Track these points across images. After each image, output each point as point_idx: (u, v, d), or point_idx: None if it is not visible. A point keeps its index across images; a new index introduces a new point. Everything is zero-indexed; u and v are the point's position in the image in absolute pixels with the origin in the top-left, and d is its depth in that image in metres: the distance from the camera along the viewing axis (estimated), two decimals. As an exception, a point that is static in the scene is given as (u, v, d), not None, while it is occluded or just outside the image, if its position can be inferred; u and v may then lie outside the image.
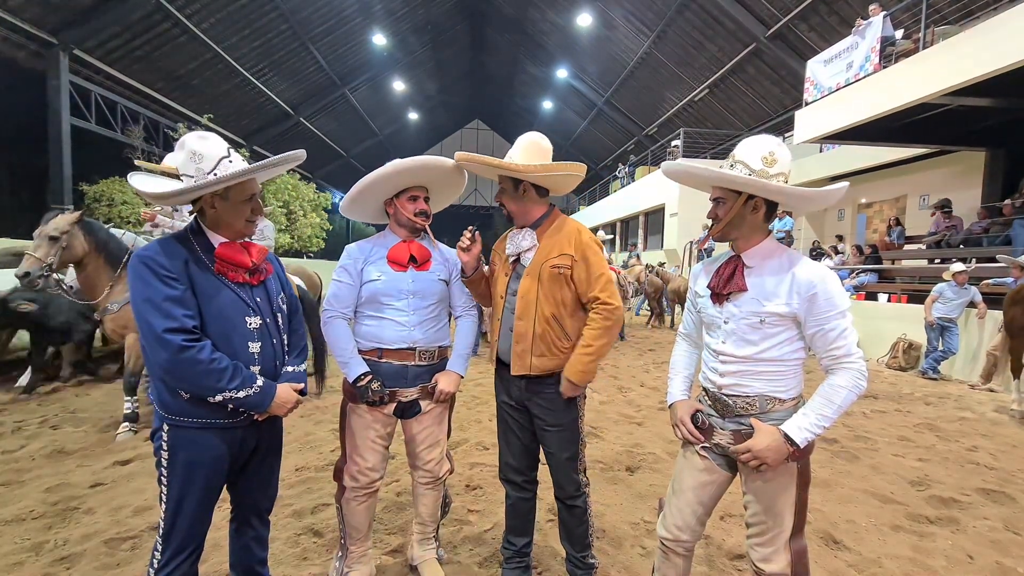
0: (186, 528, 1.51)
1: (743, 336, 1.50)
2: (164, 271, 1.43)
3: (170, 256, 1.46)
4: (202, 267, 1.51)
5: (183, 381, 1.44)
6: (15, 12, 10.29)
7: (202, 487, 1.51)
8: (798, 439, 1.39)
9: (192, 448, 1.50)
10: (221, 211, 1.55)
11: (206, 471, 1.51)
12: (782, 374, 1.49)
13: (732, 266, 1.54)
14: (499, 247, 2.12)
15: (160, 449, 1.50)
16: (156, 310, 1.40)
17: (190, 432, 1.50)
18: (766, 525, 1.51)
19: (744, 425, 1.51)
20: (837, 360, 1.41)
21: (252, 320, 1.58)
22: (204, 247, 1.54)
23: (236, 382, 1.47)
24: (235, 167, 1.52)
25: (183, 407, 1.48)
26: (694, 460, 1.63)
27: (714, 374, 1.57)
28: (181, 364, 1.40)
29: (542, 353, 1.89)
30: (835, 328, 1.40)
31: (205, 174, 1.49)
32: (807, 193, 1.48)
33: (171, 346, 1.39)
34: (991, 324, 6.55)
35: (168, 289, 1.42)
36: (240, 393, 1.48)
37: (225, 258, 1.54)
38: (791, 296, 1.43)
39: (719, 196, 1.53)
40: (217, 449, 1.53)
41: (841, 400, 1.39)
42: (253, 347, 1.57)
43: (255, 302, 1.61)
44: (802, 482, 1.49)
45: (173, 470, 1.49)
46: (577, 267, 1.88)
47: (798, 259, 1.48)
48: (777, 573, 1.49)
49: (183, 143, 1.52)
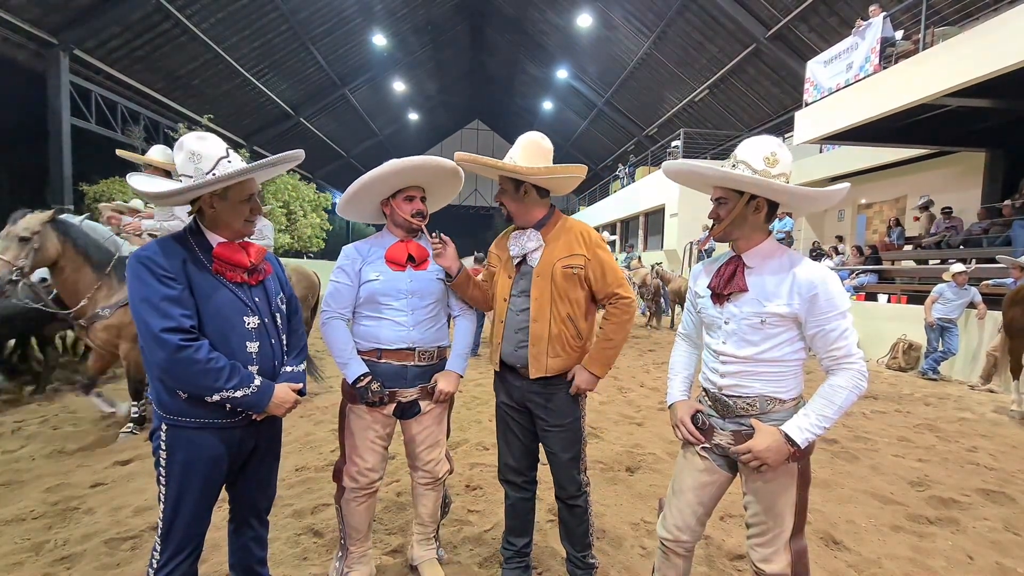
0: (184, 528, 1.51)
1: (744, 336, 1.50)
2: (162, 271, 1.43)
3: (168, 256, 1.46)
4: (200, 267, 1.51)
5: (180, 381, 1.44)
6: (15, 12, 10.30)
7: (200, 487, 1.51)
8: (799, 439, 1.39)
9: (190, 448, 1.50)
10: (220, 211, 1.55)
11: (204, 471, 1.51)
12: (783, 375, 1.49)
13: (733, 266, 1.54)
14: (498, 248, 2.11)
15: (159, 449, 1.50)
16: (154, 310, 1.40)
17: (188, 432, 1.50)
18: (766, 525, 1.51)
19: (744, 426, 1.51)
20: (837, 361, 1.42)
21: (250, 320, 1.58)
22: (202, 247, 1.54)
23: (233, 382, 1.47)
24: (234, 167, 1.52)
25: (181, 407, 1.48)
26: (694, 461, 1.63)
27: (714, 375, 1.57)
28: (178, 363, 1.40)
29: (557, 354, 1.90)
30: (836, 328, 1.40)
31: (204, 174, 1.49)
32: (810, 193, 1.48)
33: (168, 345, 1.39)
34: (991, 325, 6.56)
35: (166, 289, 1.43)
36: (238, 393, 1.48)
37: (223, 258, 1.54)
38: (792, 296, 1.43)
39: (721, 196, 1.53)
40: (215, 449, 1.53)
41: (842, 400, 1.39)
42: (251, 347, 1.57)
43: (253, 302, 1.60)
44: (802, 482, 1.49)
45: (171, 470, 1.49)
46: (591, 266, 1.90)
47: (799, 259, 1.48)
48: (777, 573, 1.49)
49: (182, 143, 1.52)
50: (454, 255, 2.01)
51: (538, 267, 1.92)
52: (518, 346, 1.94)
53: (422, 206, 2.05)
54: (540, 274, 1.91)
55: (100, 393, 4.11)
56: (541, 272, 1.91)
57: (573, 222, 2.00)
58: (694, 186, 1.70)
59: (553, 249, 1.92)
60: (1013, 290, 5.48)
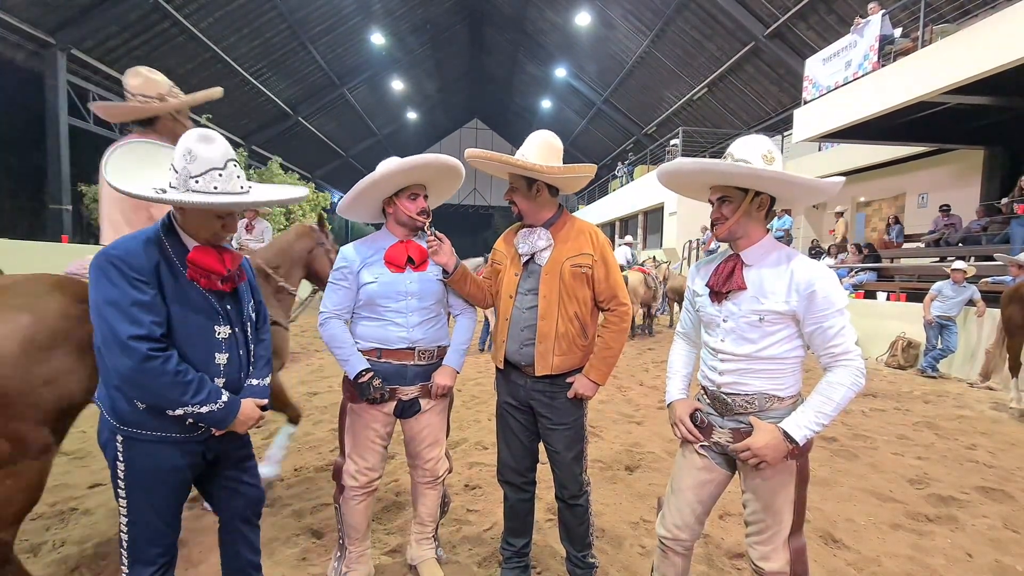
0: (150, 541, 1.44)
1: (742, 334, 1.50)
2: (134, 273, 1.33)
3: (141, 257, 1.36)
4: (173, 271, 1.41)
5: (143, 391, 1.35)
6: (13, 12, 10.28)
7: (164, 496, 1.45)
8: (797, 437, 1.40)
9: (149, 460, 1.41)
10: (190, 217, 1.44)
11: (166, 481, 1.44)
12: (781, 372, 1.50)
13: (731, 264, 1.54)
14: (504, 245, 2.10)
15: (116, 460, 1.41)
16: (122, 314, 1.30)
17: (146, 445, 1.41)
18: (765, 523, 1.52)
19: (743, 423, 1.51)
20: (835, 357, 1.42)
21: (221, 330, 1.49)
22: (176, 250, 1.44)
23: (200, 396, 1.38)
24: (224, 181, 1.40)
25: (140, 418, 1.39)
26: (693, 459, 1.63)
27: (713, 372, 1.57)
28: (145, 374, 1.31)
29: (563, 352, 1.91)
30: (833, 326, 1.41)
31: (189, 177, 1.39)
32: (815, 184, 1.47)
33: (136, 354, 1.29)
34: (990, 322, 6.56)
35: (136, 293, 1.32)
36: (203, 408, 1.39)
37: (198, 263, 1.43)
38: (790, 294, 1.44)
39: (724, 195, 1.52)
40: (175, 460, 1.45)
41: (840, 397, 1.39)
42: (220, 358, 1.48)
43: (225, 310, 1.51)
44: (801, 480, 1.50)
45: (131, 482, 1.41)
46: (597, 267, 1.92)
47: (796, 257, 1.49)
48: (776, 571, 1.49)
49: (187, 135, 1.43)
50: (450, 251, 2.02)
51: (547, 265, 1.92)
52: (523, 344, 1.94)
53: (426, 204, 2.04)
54: (549, 272, 1.91)
55: None
56: (550, 270, 1.91)
57: (581, 222, 2.01)
58: (687, 191, 1.69)
59: (562, 248, 1.93)
60: (1011, 287, 5.48)
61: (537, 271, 1.94)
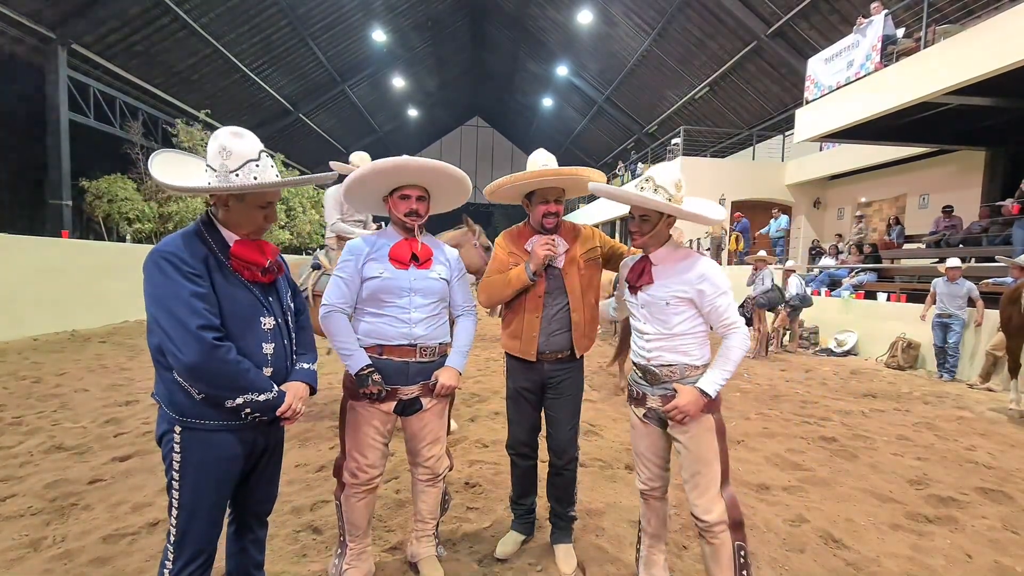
0: (200, 533, 1.47)
1: (656, 316, 1.89)
2: (188, 267, 1.39)
3: (191, 252, 1.42)
4: (219, 265, 1.47)
5: (209, 381, 1.39)
6: (13, 6, 10.24)
7: (216, 490, 1.48)
8: (710, 391, 1.79)
9: (206, 449, 1.46)
10: (234, 211, 1.52)
11: (219, 472, 1.48)
12: (691, 345, 1.87)
13: (642, 264, 1.95)
14: (515, 247, 2.28)
15: (172, 452, 1.45)
16: (185, 306, 1.35)
17: (204, 434, 1.45)
18: (699, 473, 1.83)
19: (668, 390, 1.87)
20: (728, 327, 1.83)
21: (266, 320, 1.55)
22: (219, 244, 1.50)
23: (260, 384, 1.46)
24: (260, 171, 1.49)
25: (198, 409, 1.44)
26: (639, 427, 2.01)
27: (642, 350, 1.94)
28: (212, 362, 1.36)
29: (587, 335, 2.26)
30: (721, 304, 1.82)
31: (228, 172, 1.46)
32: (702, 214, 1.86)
33: (205, 343, 1.34)
34: (989, 324, 6.56)
35: (193, 286, 1.38)
36: (261, 396, 1.46)
37: (241, 256, 1.50)
38: (686, 284, 1.84)
39: (644, 215, 1.89)
40: (232, 449, 1.49)
41: (736, 356, 1.80)
42: (267, 348, 1.54)
43: (268, 302, 1.57)
44: (720, 432, 1.85)
45: (186, 473, 1.45)
46: (603, 248, 2.31)
47: (691, 256, 1.89)
48: (717, 520, 1.80)
49: (217, 134, 1.51)
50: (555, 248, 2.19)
51: (565, 265, 2.21)
52: (552, 335, 2.20)
53: (417, 206, 2.03)
54: (569, 271, 2.21)
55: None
56: (568, 270, 2.21)
57: (572, 223, 2.34)
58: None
59: (573, 248, 2.23)
60: (1010, 289, 5.47)
61: (558, 273, 2.21)
